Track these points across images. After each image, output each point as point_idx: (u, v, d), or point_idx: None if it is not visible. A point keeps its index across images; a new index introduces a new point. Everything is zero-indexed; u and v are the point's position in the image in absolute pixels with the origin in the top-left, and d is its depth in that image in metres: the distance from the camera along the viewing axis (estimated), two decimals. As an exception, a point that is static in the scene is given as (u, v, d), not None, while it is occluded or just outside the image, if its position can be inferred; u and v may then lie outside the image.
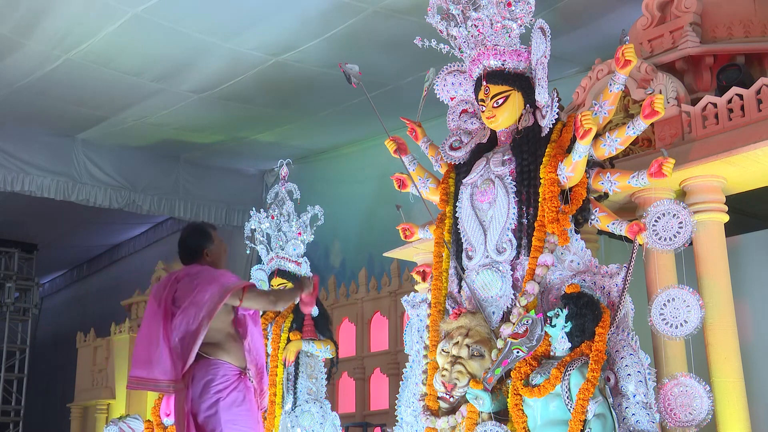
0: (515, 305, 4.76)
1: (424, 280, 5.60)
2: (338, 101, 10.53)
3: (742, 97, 5.75)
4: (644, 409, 4.34)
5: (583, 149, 4.73)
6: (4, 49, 9.41)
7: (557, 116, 5.02)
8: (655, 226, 4.62)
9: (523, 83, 5.14)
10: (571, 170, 4.80)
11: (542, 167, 4.90)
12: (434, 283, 5.21)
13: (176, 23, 8.88)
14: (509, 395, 4.49)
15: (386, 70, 9.54)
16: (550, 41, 4.99)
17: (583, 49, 8.98)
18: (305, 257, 7.05)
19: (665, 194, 5.72)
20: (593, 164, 4.97)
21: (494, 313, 4.90)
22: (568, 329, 4.42)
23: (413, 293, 5.57)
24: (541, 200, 4.86)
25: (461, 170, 5.34)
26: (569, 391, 4.25)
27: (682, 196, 5.91)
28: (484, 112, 5.21)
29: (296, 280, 6.93)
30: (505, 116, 5.16)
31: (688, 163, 5.73)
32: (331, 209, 7.91)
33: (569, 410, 4.24)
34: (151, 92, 10.48)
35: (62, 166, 12.01)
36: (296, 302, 6.84)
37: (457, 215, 5.22)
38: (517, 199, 4.98)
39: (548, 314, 4.48)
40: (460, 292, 5.11)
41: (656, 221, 4.63)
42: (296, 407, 6.62)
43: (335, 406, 9.66)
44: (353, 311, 10.88)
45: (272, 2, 8.54)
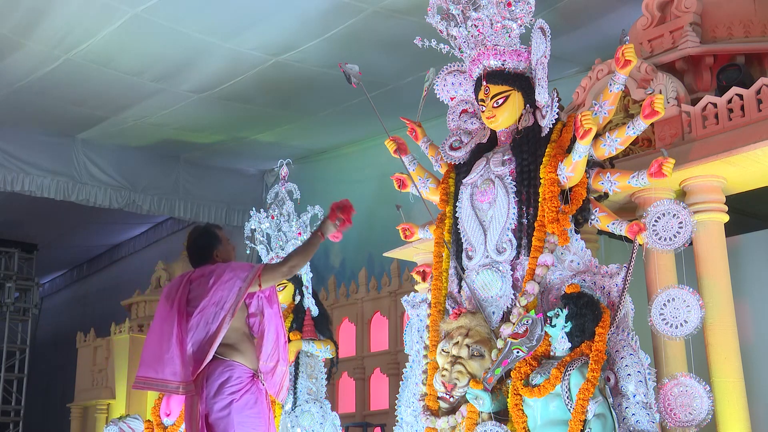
0: (515, 305, 4.77)
1: (424, 280, 5.60)
2: (338, 101, 10.53)
3: (742, 97, 5.75)
4: (644, 409, 4.34)
5: (583, 149, 4.73)
6: (4, 49, 9.41)
7: (557, 116, 5.02)
8: (655, 226, 4.62)
9: (523, 83, 5.14)
10: (571, 170, 4.80)
11: (542, 167, 4.91)
12: (434, 283, 5.21)
13: (176, 23, 8.88)
14: (509, 395, 4.49)
15: (386, 70, 9.54)
16: (550, 41, 4.99)
17: (583, 49, 8.98)
18: (305, 257, 7.04)
19: (665, 194, 5.72)
20: (593, 164, 4.97)
21: (494, 313, 4.90)
22: (568, 329, 4.43)
23: (413, 293, 5.58)
24: (541, 200, 4.86)
25: (461, 170, 5.34)
26: (569, 391, 4.26)
27: (682, 196, 5.91)
28: (484, 112, 5.21)
29: (296, 280, 6.94)
30: (505, 116, 5.16)
31: (688, 163, 5.72)
32: (331, 209, 7.89)
33: (569, 410, 4.25)
34: (151, 92, 10.47)
35: (62, 166, 12.01)
36: (297, 305, 6.92)
37: (457, 215, 5.23)
38: (517, 199, 4.98)
39: (548, 314, 4.48)
40: (460, 292, 5.12)
41: (656, 221, 4.63)
42: (296, 407, 6.62)
43: (335, 406, 9.66)
44: (353, 311, 10.88)
45: (272, 2, 8.54)
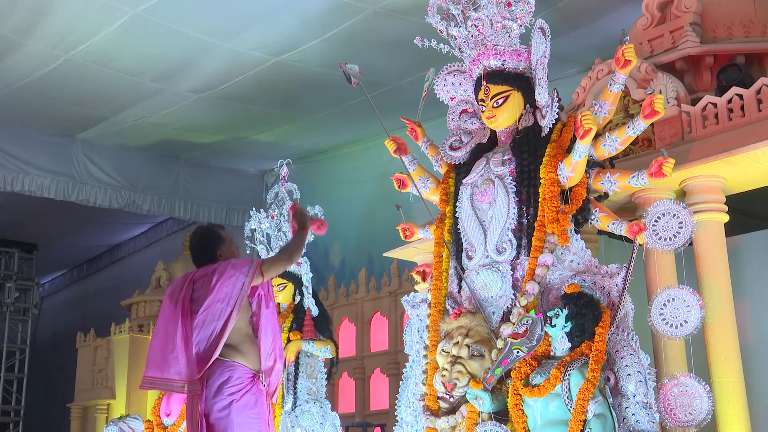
0: (515, 305, 4.76)
1: (424, 280, 5.60)
2: (338, 101, 10.53)
3: (742, 97, 5.75)
4: (644, 409, 4.34)
5: (583, 149, 4.73)
6: (4, 49, 9.41)
7: (557, 116, 5.02)
8: (655, 226, 4.62)
9: (523, 83, 5.14)
10: (571, 170, 4.80)
11: (542, 167, 4.91)
12: (434, 283, 5.21)
13: (176, 23, 8.88)
14: (509, 395, 4.49)
15: (386, 70, 9.54)
16: (550, 41, 4.99)
17: (583, 49, 8.98)
18: (305, 257, 7.05)
19: (665, 194, 5.72)
20: (593, 164, 4.97)
21: (494, 313, 4.90)
22: (568, 329, 4.43)
23: (413, 293, 5.57)
24: (541, 200, 4.86)
25: (461, 170, 5.34)
26: (569, 391, 4.25)
27: (682, 196, 5.91)
28: (484, 112, 5.21)
29: (296, 280, 6.95)
30: (505, 116, 5.16)
31: (688, 163, 5.72)
32: (331, 209, 7.90)
33: (569, 410, 4.24)
34: (151, 92, 10.48)
35: (62, 166, 12.01)
36: (297, 305, 6.92)
37: (457, 215, 5.22)
38: (517, 199, 4.98)
39: (548, 314, 4.48)
40: (460, 292, 5.12)
41: (656, 221, 4.63)
42: (296, 407, 6.62)
43: (335, 406, 9.66)
44: (353, 311, 10.88)
45: (272, 2, 8.54)
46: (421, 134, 5.63)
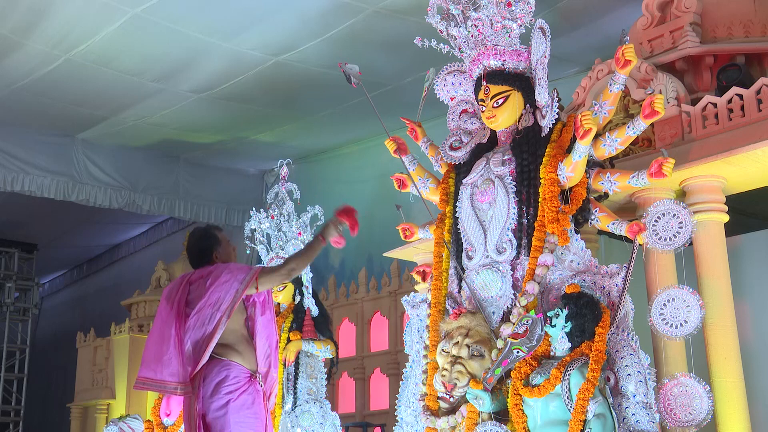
0: (515, 305, 4.76)
1: (424, 280, 5.60)
2: (338, 101, 10.53)
3: (742, 97, 5.75)
4: (644, 409, 4.34)
5: (583, 149, 4.73)
6: (4, 49, 9.41)
7: (557, 116, 5.02)
8: (655, 226, 4.62)
9: (523, 83, 5.14)
10: (571, 170, 4.80)
11: (542, 167, 4.90)
12: (434, 283, 5.21)
13: (176, 23, 8.88)
14: (509, 395, 4.49)
15: (386, 70, 9.54)
16: (550, 41, 4.99)
17: (583, 49, 8.98)
18: (306, 257, 7.04)
19: (665, 194, 5.72)
20: (593, 164, 4.96)
21: (494, 313, 4.90)
22: (568, 329, 4.42)
23: (413, 293, 5.57)
24: (541, 200, 4.86)
25: (461, 170, 5.34)
26: (569, 391, 4.25)
27: (682, 196, 5.91)
28: (484, 112, 5.21)
29: (296, 280, 6.94)
30: (505, 116, 5.16)
31: (688, 163, 5.72)
32: (331, 209, 7.87)
33: (569, 410, 4.24)
34: (151, 92, 10.48)
35: (62, 166, 12.01)
36: (297, 305, 6.91)
37: (457, 215, 5.22)
38: (517, 199, 4.98)
39: (548, 314, 4.48)
40: (460, 292, 5.11)
41: (656, 221, 4.63)
42: (296, 407, 6.62)
43: (335, 406, 9.66)
44: (353, 311, 10.88)
45: (272, 2, 8.54)
46: (421, 134, 5.63)
